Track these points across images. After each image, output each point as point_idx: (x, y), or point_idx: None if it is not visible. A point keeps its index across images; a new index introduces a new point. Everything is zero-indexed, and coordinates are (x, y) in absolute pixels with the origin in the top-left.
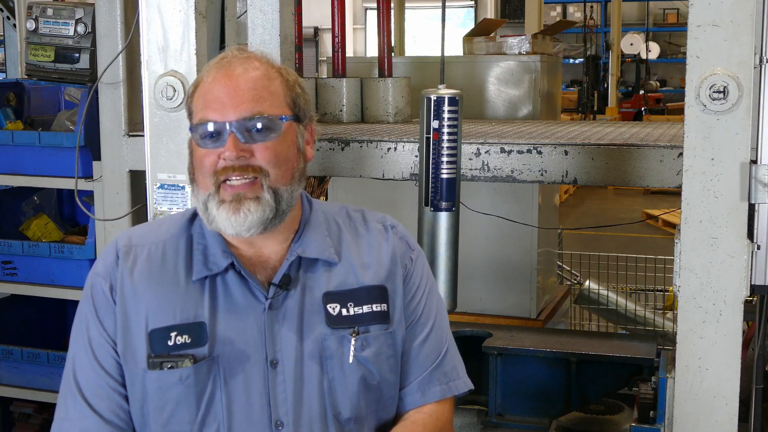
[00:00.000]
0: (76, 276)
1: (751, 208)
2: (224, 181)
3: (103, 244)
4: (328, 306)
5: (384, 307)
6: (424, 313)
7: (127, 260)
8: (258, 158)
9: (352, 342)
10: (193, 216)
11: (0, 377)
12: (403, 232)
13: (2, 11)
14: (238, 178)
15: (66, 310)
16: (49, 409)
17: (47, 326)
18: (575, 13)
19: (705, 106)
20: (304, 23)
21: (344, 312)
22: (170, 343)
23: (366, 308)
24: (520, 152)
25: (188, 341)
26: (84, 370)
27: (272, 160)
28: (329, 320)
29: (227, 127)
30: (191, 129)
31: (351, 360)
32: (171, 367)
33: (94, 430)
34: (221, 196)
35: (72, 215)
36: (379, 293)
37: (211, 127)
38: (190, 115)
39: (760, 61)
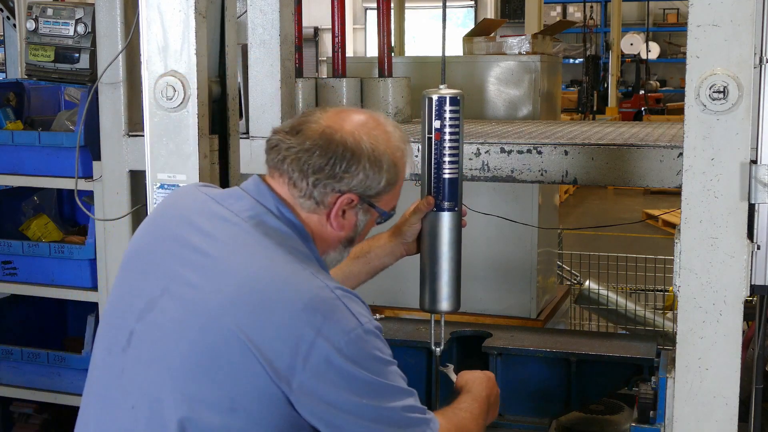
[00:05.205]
0: (76, 276)
1: (751, 208)
2: None
3: (103, 244)
4: None
5: None
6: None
7: None
8: None
9: None
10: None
11: (0, 377)
12: None
13: (2, 11)
14: None
15: (66, 310)
16: (49, 409)
17: (47, 326)
18: (575, 13)
19: (705, 106)
20: (304, 23)
21: None
22: None
23: None
24: (520, 152)
25: None
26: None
27: None
28: None
29: None
30: (382, 212)
31: None
32: None
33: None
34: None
35: (72, 215)
36: None
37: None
38: (386, 186)
39: (760, 61)
